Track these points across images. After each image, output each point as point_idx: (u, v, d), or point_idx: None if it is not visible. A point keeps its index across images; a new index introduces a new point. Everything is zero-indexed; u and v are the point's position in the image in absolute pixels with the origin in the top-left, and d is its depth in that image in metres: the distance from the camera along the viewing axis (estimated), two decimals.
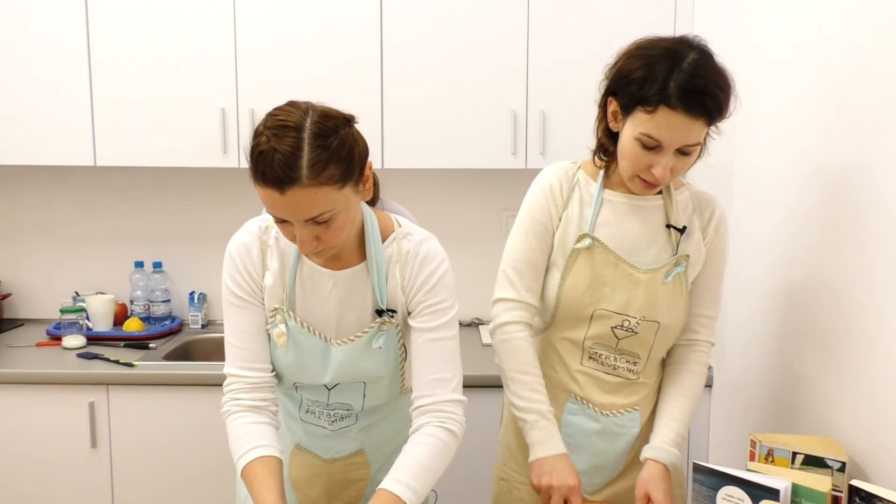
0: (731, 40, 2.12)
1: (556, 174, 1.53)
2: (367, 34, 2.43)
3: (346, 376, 1.39)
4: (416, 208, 2.82)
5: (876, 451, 1.39)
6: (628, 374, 1.53)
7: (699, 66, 1.32)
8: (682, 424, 1.51)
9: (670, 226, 1.50)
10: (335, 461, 1.50)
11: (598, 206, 1.51)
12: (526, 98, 2.45)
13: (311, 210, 1.19)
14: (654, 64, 1.33)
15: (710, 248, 1.53)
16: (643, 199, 1.50)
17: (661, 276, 1.48)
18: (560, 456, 1.46)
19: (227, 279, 1.38)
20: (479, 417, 2.30)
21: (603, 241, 1.49)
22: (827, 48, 1.59)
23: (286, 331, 1.36)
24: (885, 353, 1.36)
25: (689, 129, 1.33)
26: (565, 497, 1.44)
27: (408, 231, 1.40)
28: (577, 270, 1.50)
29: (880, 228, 1.38)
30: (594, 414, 1.55)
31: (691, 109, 1.30)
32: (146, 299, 2.80)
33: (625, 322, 1.50)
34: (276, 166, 1.15)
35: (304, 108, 1.22)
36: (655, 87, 1.31)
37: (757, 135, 1.93)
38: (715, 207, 1.54)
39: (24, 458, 2.34)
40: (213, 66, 2.45)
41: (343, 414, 1.45)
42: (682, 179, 1.56)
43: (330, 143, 1.18)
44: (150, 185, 2.86)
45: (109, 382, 2.31)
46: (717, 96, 1.32)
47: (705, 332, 1.57)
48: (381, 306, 1.37)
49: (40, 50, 2.45)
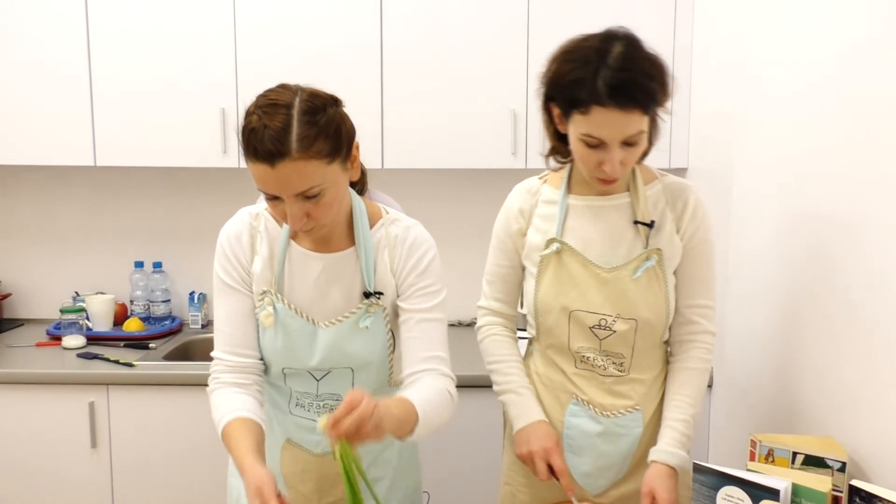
0: (731, 39, 2.12)
1: (518, 196, 1.62)
2: (367, 34, 2.43)
3: (334, 360, 1.41)
4: (416, 208, 2.82)
5: (876, 451, 1.39)
6: (617, 373, 1.54)
7: (626, 59, 1.34)
8: (686, 425, 1.51)
9: (638, 222, 1.51)
10: (326, 455, 1.49)
11: (564, 211, 1.54)
12: (526, 98, 2.45)
13: (301, 184, 1.24)
14: (581, 65, 1.35)
15: (688, 238, 1.53)
16: (608, 198, 1.52)
17: (629, 273, 1.49)
18: (536, 423, 1.52)
19: (217, 266, 1.43)
20: (479, 418, 2.30)
21: (570, 245, 1.52)
22: (827, 47, 1.59)
23: (274, 312, 1.39)
24: (885, 353, 1.36)
25: (625, 123, 1.34)
26: (546, 460, 1.49)
27: (395, 217, 1.46)
28: (549, 276, 1.53)
29: (880, 228, 1.38)
30: (595, 415, 1.55)
31: (622, 104, 1.32)
32: (146, 299, 2.80)
33: (601, 321, 1.51)
34: (267, 141, 1.21)
35: (293, 88, 1.29)
36: (585, 89, 1.33)
37: (756, 134, 1.93)
38: (688, 197, 1.53)
39: (24, 458, 2.34)
40: (213, 66, 2.45)
41: (333, 405, 1.45)
42: (654, 172, 1.56)
43: (318, 120, 1.25)
44: (150, 185, 2.86)
45: (109, 382, 2.31)
46: (647, 86, 1.33)
47: (705, 322, 1.56)
48: (368, 289, 1.40)
49: (40, 50, 2.45)
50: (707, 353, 1.57)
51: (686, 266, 1.54)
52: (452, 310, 2.87)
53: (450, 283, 2.84)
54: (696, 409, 1.54)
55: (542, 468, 1.49)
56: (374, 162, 2.46)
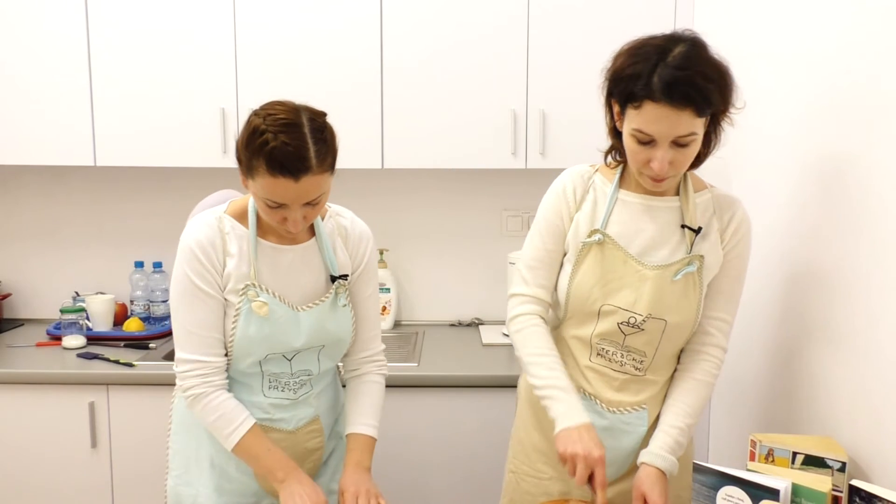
0: (731, 38, 2.12)
1: (571, 177, 1.58)
2: (367, 34, 2.43)
3: (316, 339, 1.56)
4: (416, 208, 2.85)
5: (876, 451, 1.39)
6: (634, 371, 1.54)
7: (685, 58, 1.34)
8: (681, 433, 1.50)
9: (685, 226, 1.50)
10: (298, 431, 1.61)
11: (612, 204, 1.53)
12: (526, 98, 2.45)
13: (315, 193, 1.41)
14: (642, 61, 1.36)
15: (728, 250, 1.53)
16: (659, 199, 1.52)
17: (671, 274, 1.48)
18: (586, 425, 1.46)
19: (189, 273, 1.48)
20: (479, 416, 2.31)
21: (613, 238, 1.51)
22: (826, 44, 1.59)
23: (267, 300, 1.49)
24: (885, 352, 1.36)
25: (676, 121, 1.34)
26: (591, 468, 1.42)
27: (337, 211, 1.63)
28: (587, 265, 1.52)
29: (880, 227, 1.38)
30: (602, 411, 1.55)
31: (674, 101, 1.32)
32: (146, 299, 2.80)
33: (631, 319, 1.50)
34: (293, 158, 1.35)
35: (293, 107, 1.42)
36: (640, 83, 1.35)
37: (755, 130, 1.93)
38: (736, 211, 1.53)
39: (24, 458, 2.34)
40: (213, 66, 2.45)
41: (305, 380, 1.60)
42: (704, 182, 1.56)
43: (325, 137, 1.41)
44: (150, 185, 2.86)
45: (109, 382, 2.31)
46: (702, 87, 1.33)
47: (718, 336, 1.55)
48: (333, 273, 1.57)
49: (40, 50, 2.45)
50: (715, 369, 1.55)
51: (716, 277, 1.54)
52: (452, 310, 2.90)
53: (448, 283, 2.88)
54: (694, 420, 1.52)
55: (584, 474, 1.42)
56: (374, 162, 2.46)
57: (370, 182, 2.78)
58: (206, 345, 1.50)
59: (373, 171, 2.65)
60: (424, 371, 2.33)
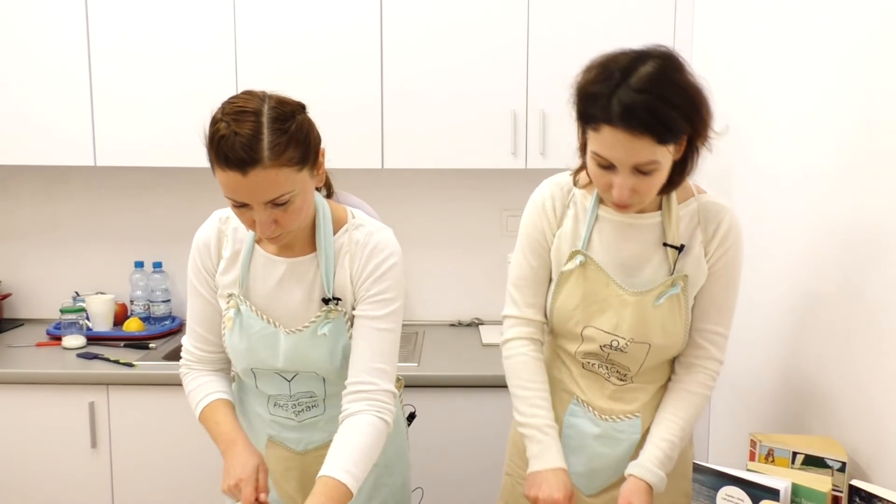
0: (732, 39, 2.12)
1: (550, 191, 1.51)
2: (367, 34, 2.43)
3: (299, 364, 1.44)
4: (416, 208, 2.84)
5: (876, 451, 1.39)
6: (618, 382, 1.53)
7: (649, 80, 1.23)
8: (672, 446, 1.46)
9: (667, 244, 1.44)
10: (307, 453, 1.53)
11: (593, 222, 1.47)
12: (526, 98, 2.45)
13: (272, 191, 1.24)
14: (604, 80, 1.26)
15: (714, 261, 1.46)
16: (639, 216, 1.45)
17: (652, 299, 1.44)
18: (553, 470, 1.45)
19: (189, 268, 1.48)
20: (480, 417, 2.31)
21: (595, 260, 1.46)
22: (829, 46, 1.59)
23: (234, 316, 1.42)
24: (885, 352, 1.36)
25: (634, 149, 1.25)
26: None
27: (360, 223, 1.45)
28: (569, 287, 1.48)
29: (879, 228, 1.38)
30: (594, 418, 1.54)
31: (632, 128, 1.23)
32: (146, 299, 2.80)
33: (613, 342, 1.47)
34: (238, 148, 1.21)
35: (260, 95, 1.29)
36: (599, 105, 1.25)
37: (758, 134, 1.93)
38: (722, 220, 1.45)
39: (24, 458, 2.34)
40: (213, 65, 2.44)
41: (309, 403, 1.49)
42: (692, 189, 1.48)
43: (288, 127, 1.25)
44: (150, 185, 2.86)
45: (109, 382, 2.31)
46: (663, 113, 1.23)
47: (713, 349, 1.49)
48: (327, 294, 1.41)
49: (40, 50, 2.45)
50: (710, 381, 1.51)
51: (705, 288, 1.47)
52: (452, 310, 2.90)
53: (448, 283, 2.88)
54: (686, 434, 1.49)
55: None
56: (374, 162, 2.46)
57: (370, 182, 2.78)
58: (194, 337, 1.51)
59: (373, 171, 2.64)
60: (424, 371, 2.33)
